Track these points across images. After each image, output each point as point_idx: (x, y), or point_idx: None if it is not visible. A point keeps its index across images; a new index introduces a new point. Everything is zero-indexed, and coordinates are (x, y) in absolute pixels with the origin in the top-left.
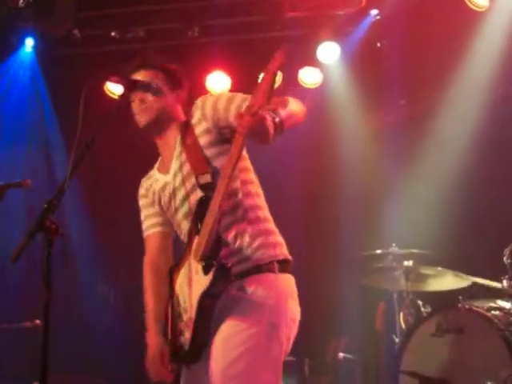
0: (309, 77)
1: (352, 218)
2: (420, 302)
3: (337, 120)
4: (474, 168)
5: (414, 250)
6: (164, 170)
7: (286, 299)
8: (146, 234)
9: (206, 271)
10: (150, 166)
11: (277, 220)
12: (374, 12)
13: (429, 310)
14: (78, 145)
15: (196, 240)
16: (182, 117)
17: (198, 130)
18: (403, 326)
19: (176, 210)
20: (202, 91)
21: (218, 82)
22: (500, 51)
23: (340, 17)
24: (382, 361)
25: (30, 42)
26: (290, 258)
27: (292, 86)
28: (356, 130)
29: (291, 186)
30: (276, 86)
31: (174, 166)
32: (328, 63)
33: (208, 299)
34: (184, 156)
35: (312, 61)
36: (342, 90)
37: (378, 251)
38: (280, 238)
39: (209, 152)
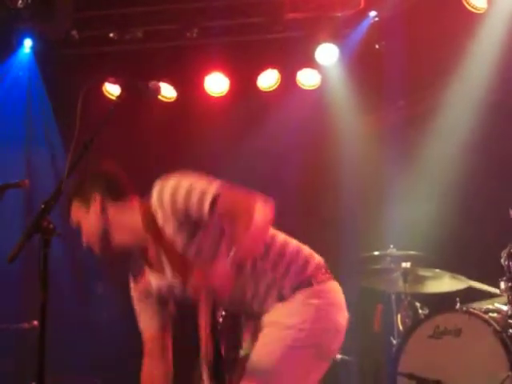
0: (307, 78)
1: (350, 219)
2: (418, 304)
3: (335, 122)
4: (473, 170)
5: (412, 252)
6: (157, 270)
7: (328, 308)
8: (145, 335)
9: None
10: (148, 167)
11: (275, 221)
12: (373, 14)
13: (426, 311)
14: (75, 145)
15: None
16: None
17: (168, 229)
18: (401, 327)
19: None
20: (201, 92)
21: (216, 83)
22: (498, 53)
23: (339, 18)
24: (379, 362)
25: (28, 43)
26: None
27: (290, 87)
28: (355, 131)
29: (290, 187)
30: (274, 87)
31: (167, 268)
32: (326, 65)
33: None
34: (165, 258)
35: (310, 62)
36: (340, 91)
37: (376, 253)
38: (308, 257)
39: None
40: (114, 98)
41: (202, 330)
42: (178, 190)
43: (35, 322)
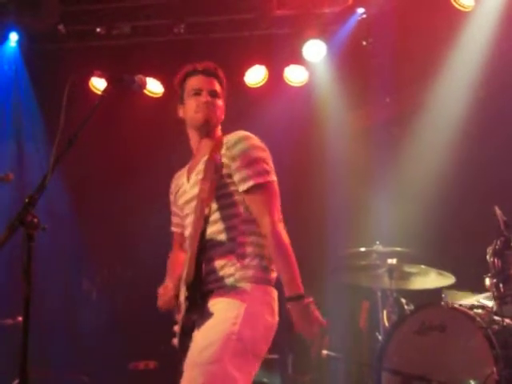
0: (295, 75)
1: (337, 215)
2: (403, 300)
3: (322, 118)
4: (459, 166)
5: (398, 248)
6: (188, 175)
7: (261, 307)
8: (171, 229)
9: (185, 298)
10: (135, 163)
11: None
12: (361, 10)
13: (412, 307)
14: (60, 140)
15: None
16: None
17: (223, 160)
18: (386, 323)
19: (186, 216)
20: None
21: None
22: (485, 50)
23: (326, 15)
24: (365, 358)
25: (14, 37)
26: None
27: (277, 83)
28: (341, 127)
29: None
30: (261, 84)
31: (194, 178)
32: (314, 61)
33: (188, 321)
34: (200, 177)
35: (298, 59)
36: (327, 88)
37: (362, 249)
38: (270, 264)
39: (221, 182)
40: (99, 92)
41: (189, 252)
42: (250, 151)
43: (20, 318)
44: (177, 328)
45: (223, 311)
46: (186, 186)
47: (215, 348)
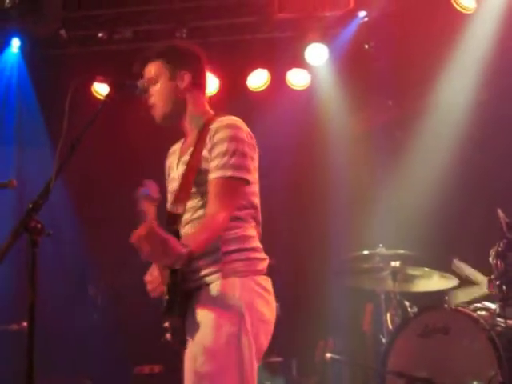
0: (297, 78)
1: (339, 218)
2: (407, 303)
3: (325, 121)
4: (461, 169)
5: (401, 251)
6: (178, 160)
7: (252, 300)
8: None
9: (168, 307)
10: (138, 166)
11: (264, 221)
12: (362, 14)
13: (415, 310)
14: (63, 145)
15: None
16: (199, 105)
17: (203, 153)
18: (390, 326)
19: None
20: None
21: (207, 87)
22: (487, 53)
23: (328, 18)
24: (369, 361)
25: (16, 43)
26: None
27: (280, 87)
28: (344, 131)
29: (279, 187)
30: (264, 87)
31: (180, 167)
32: (316, 65)
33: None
34: (182, 170)
35: (300, 62)
36: (329, 91)
37: (365, 252)
38: (259, 255)
39: (198, 178)
40: (102, 97)
41: None
42: (230, 141)
43: (24, 323)
44: (167, 324)
45: (216, 315)
46: (174, 173)
47: (218, 359)
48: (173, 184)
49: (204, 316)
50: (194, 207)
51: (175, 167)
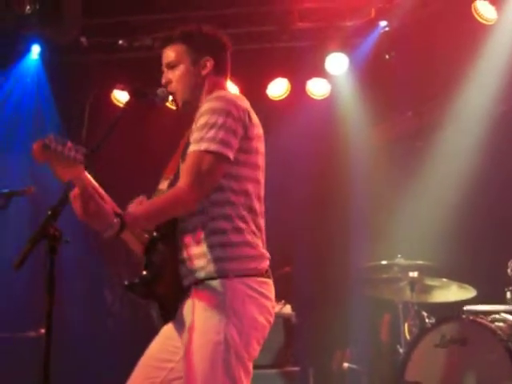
0: (317, 88)
1: (359, 227)
2: (425, 313)
3: (344, 131)
4: (480, 180)
5: (420, 262)
6: None
7: (243, 306)
8: None
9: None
10: (158, 173)
11: (284, 230)
12: (383, 23)
13: (433, 321)
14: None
15: None
16: (219, 88)
17: (193, 126)
18: (408, 336)
19: None
20: None
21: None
22: (507, 64)
23: (349, 28)
24: (386, 371)
25: (36, 49)
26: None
27: (300, 96)
28: (364, 141)
29: (299, 197)
30: (284, 96)
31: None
32: (336, 74)
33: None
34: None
35: (320, 72)
36: (350, 101)
37: (384, 262)
38: (252, 251)
39: (185, 153)
40: (121, 105)
41: None
42: (212, 113)
43: (42, 330)
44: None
45: (202, 321)
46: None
47: (203, 368)
48: None
49: (188, 321)
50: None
51: None
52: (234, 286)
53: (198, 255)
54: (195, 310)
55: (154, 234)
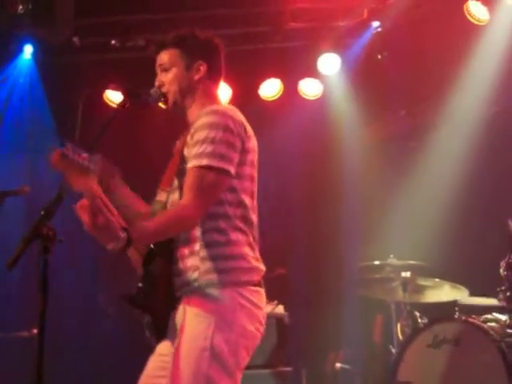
0: (309, 88)
1: (351, 228)
2: (417, 314)
3: (337, 131)
4: (473, 180)
5: (412, 262)
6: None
7: (233, 314)
8: None
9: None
10: (152, 174)
11: (277, 231)
12: (376, 24)
13: (426, 321)
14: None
15: None
16: (212, 96)
17: (188, 139)
18: (400, 336)
19: None
20: None
21: (218, 92)
22: (500, 64)
23: (341, 28)
24: (379, 371)
25: (29, 49)
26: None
27: (292, 97)
28: (356, 141)
29: (292, 197)
30: (276, 97)
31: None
32: (329, 74)
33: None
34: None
35: (313, 72)
36: (342, 101)
37: (376, 262)
38: (246, 264)
39: (181, 166)
40: (115, 105)
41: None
42: (210, 128)
43: (34, 330)
44: (148, 319)
45: (191, 327)
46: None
47: (188, 373)
48: None
49: (180, 328)
50: (175, 201)
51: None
52: (226, 294)
53: (192, 267)
54: (186, 315)
55: (152, 246)
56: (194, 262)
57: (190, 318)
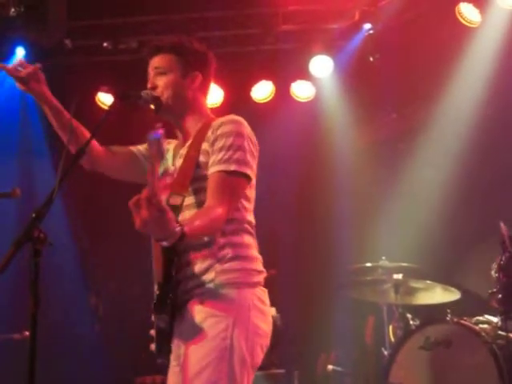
0: (301, 90)
1: (342, 230)
2: (409, 315)
3: (329, 133)
4: (465, 182)
5: (404, 264)
6: (174, 157)
7: (248, 313)
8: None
9: (158, 302)
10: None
11: (267, 232)
12: (367, 26)
13: (417, 323)
14: (67, 155)
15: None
16: (202, 107)
17: (203, 146)
18: (392, 338)
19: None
20: None
21: (210, 94)
22: (491, 67)
23: (333, 30)
24: (371, 373)
25: (20, 52)
26: (259, 276)
27: (284, 99)
28: (348, 143)
29: (283, 199)
30: (268, 99)
31: (177, 163)
32: (321, 77)
33: (162, 323)
34: (180, 162)
35: (305, 74)
36: (334, 103)
37: (368, 264)
38: (257, 265)
39: (197, 172)
40: (106, 107)
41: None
42: (235, 136)
43: (26, 333)
44: (153, 331)
45: (210, 327)
46: (170, 168)
47: (208, 373)
48: (167, 178)
49: (196, 328)
50: (191, 205)
51: (170, 163)
52: (242, 293)
53: (208, 268)
54: (201, 316)
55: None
56: (210, 264)
57: (206, 319)
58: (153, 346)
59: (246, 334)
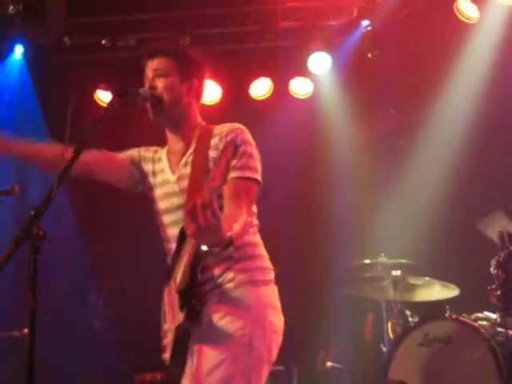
0: (300, 87)
1: (341, 226)
2: (408, 312)
3: (328, 130)
4: (463, 179)
5: (403, 260)
6: (171, 165)
7: (265, 311)
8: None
9: (180, 306)
10: None
11: (266, 229)
12: (366, 23)
13: (416, 319)
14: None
15: (177, 265)
16: (195, 114)
17: (211, 154)
18: (391, 335)
19: (166, 211)
20: None
21: (209, 91)
22: (489, 63)
23: (331, 27)
24: (370, 370)
25: (19, 49)
26: (271, 274)
27: (283, 96)
28: (346, 139)
29: (281, 196)
30: (267, 96)
31: (182, 171)
32: (319, 73)
33: (182, 331)
34: (189, 169)
35: (303, 71)
36: (332, 100)
37: (367, 261)
38: (268, 264)
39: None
40: (105, 104)
41: (185, 256)
42: (246, 145)
43: (26, 330)
44: (167, 341)
45: (228, 324)
46: (170, 177)
47: (225, 366)
48: (166, 187)
49: (214, 325)
50: None
51: (169, 170)
52: (259, 291)
53: (226, 269)
54: (218, 315)
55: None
56: (229, 265)
57: (224, 316)
58: (166, 356)
59: (264, 332)
